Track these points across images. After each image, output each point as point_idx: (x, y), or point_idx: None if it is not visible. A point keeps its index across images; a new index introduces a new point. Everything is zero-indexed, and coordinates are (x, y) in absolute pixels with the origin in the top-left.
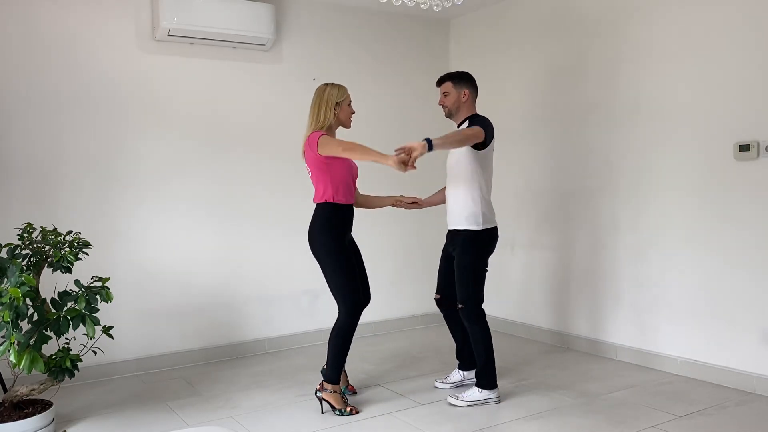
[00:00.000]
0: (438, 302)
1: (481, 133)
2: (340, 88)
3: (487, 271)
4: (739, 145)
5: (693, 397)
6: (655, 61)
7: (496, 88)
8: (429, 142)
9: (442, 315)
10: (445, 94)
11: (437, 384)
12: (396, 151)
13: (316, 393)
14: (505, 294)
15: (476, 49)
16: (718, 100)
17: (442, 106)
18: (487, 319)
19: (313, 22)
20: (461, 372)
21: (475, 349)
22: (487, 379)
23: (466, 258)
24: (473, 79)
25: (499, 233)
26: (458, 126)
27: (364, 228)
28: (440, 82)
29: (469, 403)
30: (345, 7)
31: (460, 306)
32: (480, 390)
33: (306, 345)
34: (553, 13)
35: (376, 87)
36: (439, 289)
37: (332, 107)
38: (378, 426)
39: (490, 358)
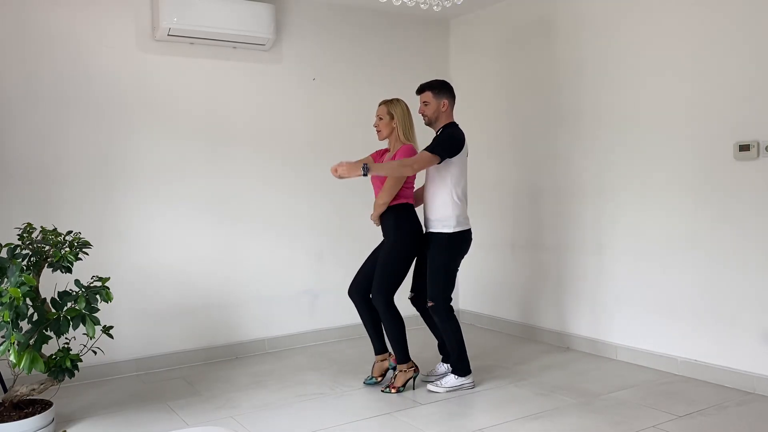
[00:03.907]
0: (413, 300)
1: (424, 159)
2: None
3: (458, 270)
4: (739, 145)
5: (693, 397)
6: (656, 60)
7: (496, 87)
8: (365, 167)
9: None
10: (425, 104)
11: (429, 386)
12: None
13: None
14: (506, 294)
15: (476, 49)
16: (718, 100)
17: (422, 115)
18: (494, 317)
19: (313, 22)
20: (445, 364)
21: (448, 342)
22: (462, 367)
23: (439, 259)
24: (452, 87)
25: (498, 233)
26: (436, 133)
27: (365, 227)
28: (420, 91)
29: (447, 389)
30: (345, 7)
31: (430, 303)
32: (456, 377)
33: (306, 345)
34: (553, 12)
35: (375, 87)
36: (414, 288)
37: None
38: (378, 426)
39: (462, 348)
